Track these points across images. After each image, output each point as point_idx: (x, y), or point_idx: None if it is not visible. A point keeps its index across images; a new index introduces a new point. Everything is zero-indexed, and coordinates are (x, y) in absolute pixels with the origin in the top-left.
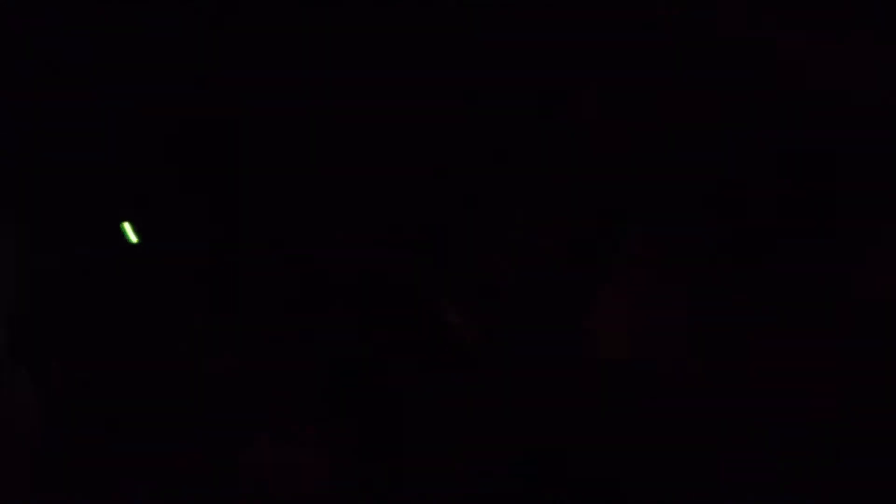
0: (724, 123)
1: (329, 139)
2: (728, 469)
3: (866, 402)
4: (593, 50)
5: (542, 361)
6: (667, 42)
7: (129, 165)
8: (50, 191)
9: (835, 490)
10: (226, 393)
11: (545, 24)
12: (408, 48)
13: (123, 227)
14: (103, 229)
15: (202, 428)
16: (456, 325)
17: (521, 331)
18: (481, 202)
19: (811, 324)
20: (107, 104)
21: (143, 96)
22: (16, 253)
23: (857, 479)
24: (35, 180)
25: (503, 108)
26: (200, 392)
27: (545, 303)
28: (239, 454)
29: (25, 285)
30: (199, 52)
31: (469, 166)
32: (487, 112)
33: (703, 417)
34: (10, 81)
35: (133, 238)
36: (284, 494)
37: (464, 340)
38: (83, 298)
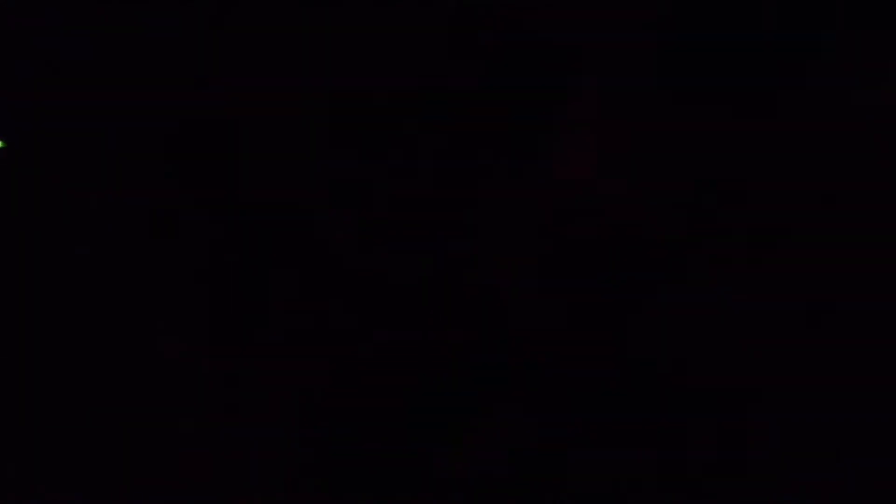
0: None
1: (329, 139)
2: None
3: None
4: (593, 50)
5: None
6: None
7: (129, 165)
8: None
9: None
10: (228, 392)
11: (544, 24)
12: (408, 48)
13: None
14: (103, 228)
15: (204, 427)
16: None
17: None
18: (482, 202)
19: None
20: (107, 104)
21: (143, 96)
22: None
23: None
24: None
25: (503, 107)
26: (203, 391)
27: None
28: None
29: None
30: (199, 52)
31: (468, 166)
32: (488, 111)
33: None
34: (10, 81)
35: None
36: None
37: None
38: (83, 298)
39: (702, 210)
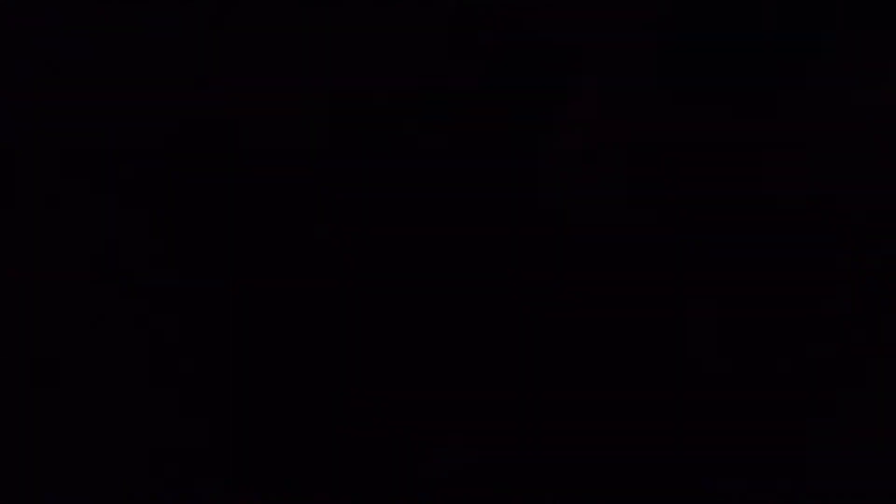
0: None
1: (328, 139)
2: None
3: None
4: (593, 50)
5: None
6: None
7: (128, 164)
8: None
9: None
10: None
11: (544, 24)
12: (408, 48)
13: None
14: (102, 228)
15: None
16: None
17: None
18: (481, 202)
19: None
20: (107, 104)
21: (143, 96)
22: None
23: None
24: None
25: (503, 107)
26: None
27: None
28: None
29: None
30: (199, 52)
31: (468, 166)
32: (488, 111)
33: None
34: (10, 81)
35: None
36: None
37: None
38: (81, 297)
39: (702, 210)
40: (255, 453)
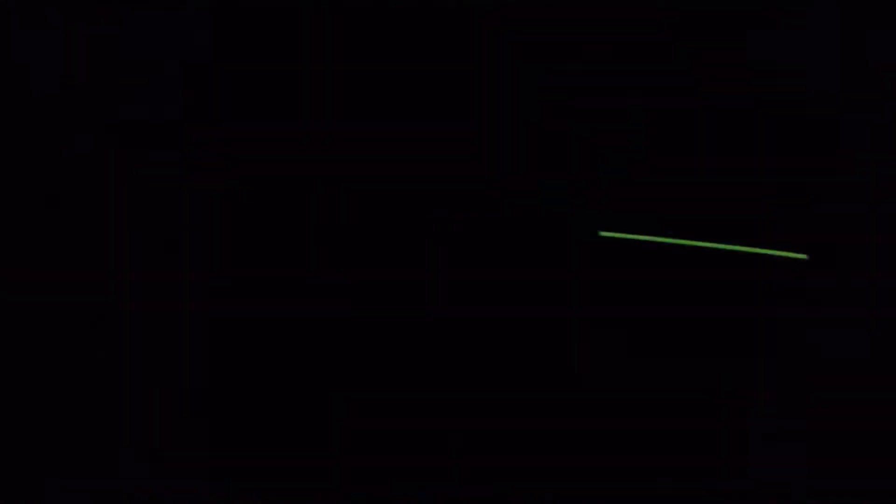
0: None
1: (328, 139)
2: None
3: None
4: (593, 49)
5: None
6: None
7: (130, 164)
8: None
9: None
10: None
11: (544, 24)
12: (407, 48)
13: None
14: (103, 227)
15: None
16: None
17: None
18: (481, 203)
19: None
20: (107, 104)
21: (142, 96)
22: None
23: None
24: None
25: (502, 107)
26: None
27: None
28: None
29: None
30: (198, 52)
31: (468, 166)
32: (488, 111)
33: None
34: (10, 81)
35: None
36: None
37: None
38: (81, 298)
39: (704, 209)
40: (254, 453)
